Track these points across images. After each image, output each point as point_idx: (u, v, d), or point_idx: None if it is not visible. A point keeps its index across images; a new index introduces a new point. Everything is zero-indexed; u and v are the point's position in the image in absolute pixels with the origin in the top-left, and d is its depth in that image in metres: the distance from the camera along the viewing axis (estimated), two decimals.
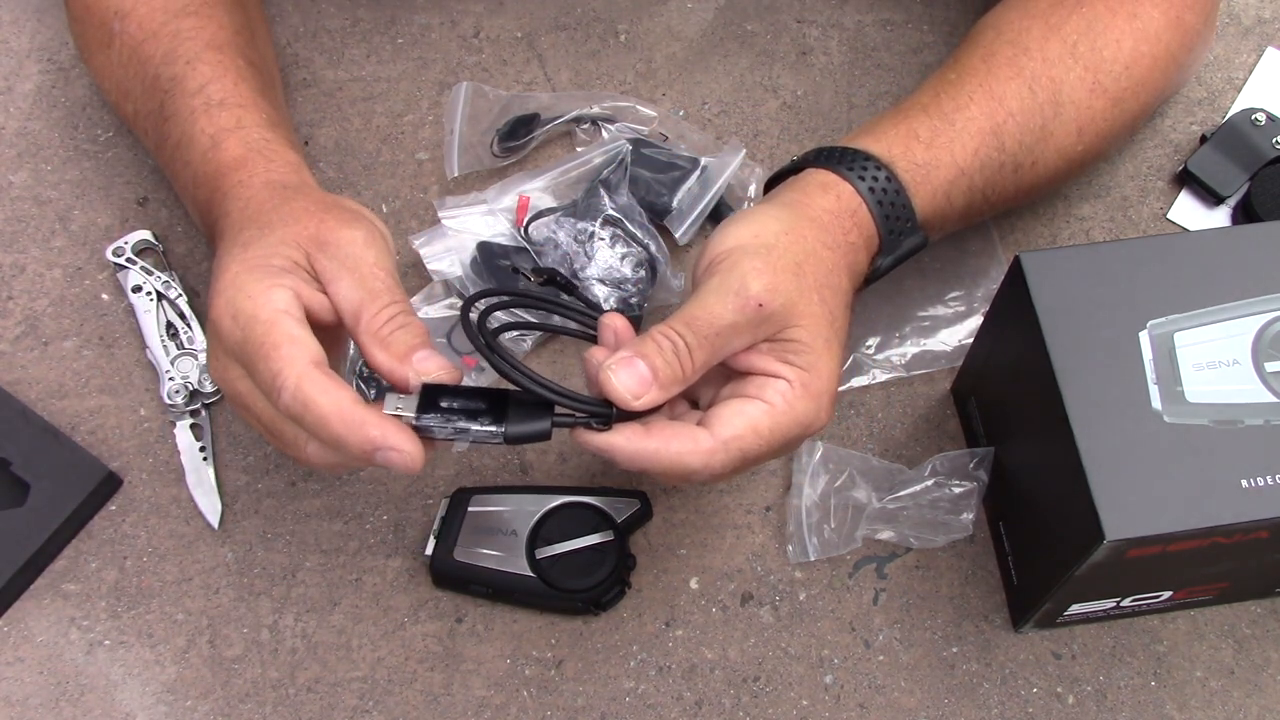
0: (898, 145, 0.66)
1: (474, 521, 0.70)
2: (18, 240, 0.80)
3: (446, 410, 0.56)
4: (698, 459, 0.57)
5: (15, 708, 0.68)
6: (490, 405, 0.57)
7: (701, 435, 0.57)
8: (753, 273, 0.58)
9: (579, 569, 0.68)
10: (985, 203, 0.70)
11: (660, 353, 0.57)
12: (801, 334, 0.59)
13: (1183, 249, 0.62)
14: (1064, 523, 0.60)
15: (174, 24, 0.70)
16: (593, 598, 0.69)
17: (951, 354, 0.76)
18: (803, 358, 0.59)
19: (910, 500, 0.70)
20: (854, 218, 0.64)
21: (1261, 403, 0.58)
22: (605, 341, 0.60)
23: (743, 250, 0.59)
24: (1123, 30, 0.71)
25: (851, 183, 0.64)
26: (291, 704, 0.69)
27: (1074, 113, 0.70)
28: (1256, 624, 0.71)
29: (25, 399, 0.75)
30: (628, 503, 0.70)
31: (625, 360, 0.56)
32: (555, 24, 0.88)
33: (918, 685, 0.69)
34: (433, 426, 0.56)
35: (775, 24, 0.88)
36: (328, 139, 0.84)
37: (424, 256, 0.76)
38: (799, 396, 0.58)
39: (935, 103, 0.68)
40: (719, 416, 0.58)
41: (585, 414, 0.57)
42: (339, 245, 0.59)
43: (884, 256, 0.66)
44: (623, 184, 0.78)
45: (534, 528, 0.69)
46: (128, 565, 0.72)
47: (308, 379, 0.54)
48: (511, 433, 0.56)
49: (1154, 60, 0.72)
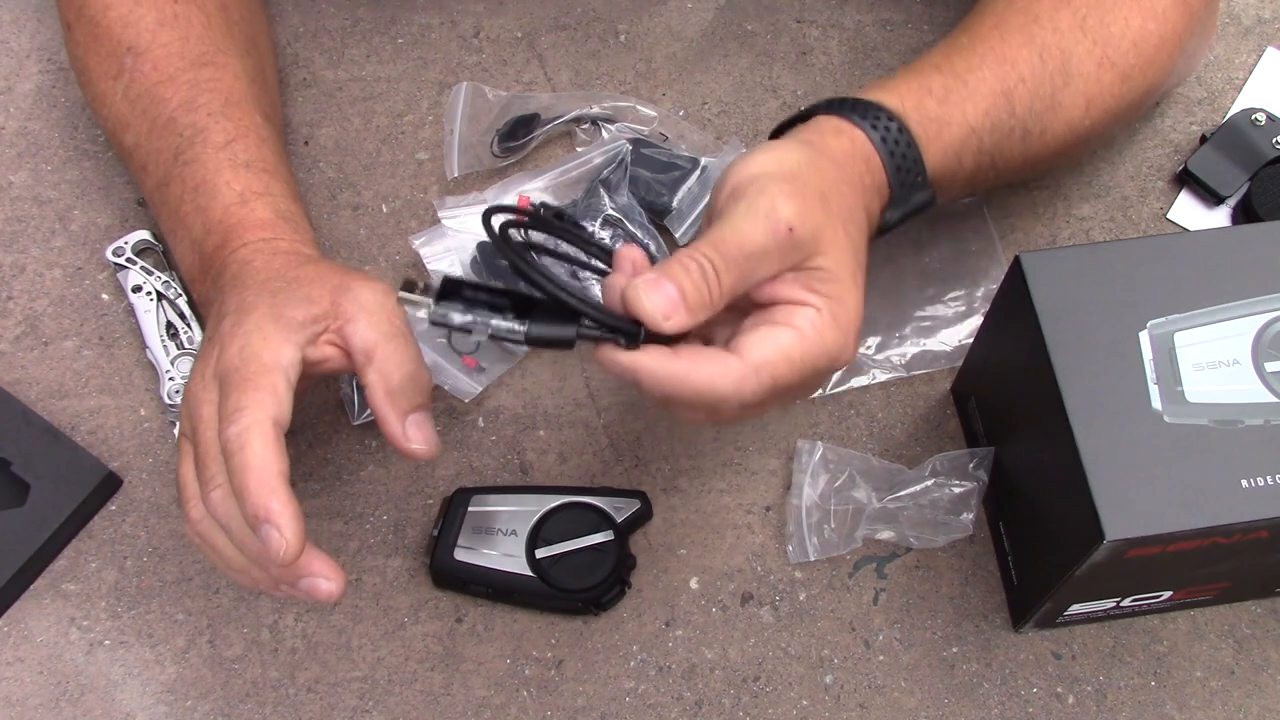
0: (910, 98, 0.66)
1: (474, 521, 0.70)
2: (18, 240, 0.80)
3: (470, 301, 0.53)
4: (728, 383, 0.54)
5: (15, 708, 0.68)
6: (514, 304, 0.54)
7: (731, 360, 0.55)
8: (782, 196, 0.56)
9: (579, 569, 0.69)
10: (992, 167, 0.69)
11: (688, 275, 0.54)
12: (829, 263, 0.57)
13: (1183, 249, 0.62)
14: (1064, 523, 0.60)
15: (192, 73, 0.71)
16: (592, 598, 0.69)
17: (951, 354, 0.76)
18: (830, 286, 0.57)
19: (910, 500, 0.70)
20: (868, 164, 0.63)
21: (1261, 403, 0.58)
22: (623, 269, 0.58)
23: (768, 176, 0.57)
24: (1131, 7, 0.71)
25: (864, 130, 0.63)
26: (291, 704, 0.69)
27: (1083, 85, 0.70)
28: (1256, 624, 0.71)
29: (25, 399, 0.75)
30: (628, 502, 0.70)
31: (653, 281, 0.54)
32: (555, 24, 0.88)
33: (918, 685, 0.69)
34: (451, 313, 0.53)
35: (775, 24, 0.88)
36: (328, 139, 0.84)
37: (424, 257, 0.76)
38: (828, 325, 0.56)
39: (947, 62, 0.68)
40: (747, 343, 0.55)
41: (613, 329, 0.54)
42: (361, 291, 0.61)
43: (894, 209, 0.65)
44: (622, 184, 0.78)
45: (534, 528, 0.69)
46: (128, 565, 0.72)
47: (259, 427, 0.55)
48: (534, 333, 0.53)
49: (1161, 39, 0.72)
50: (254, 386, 0.56)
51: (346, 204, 0.82)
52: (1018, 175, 0.73)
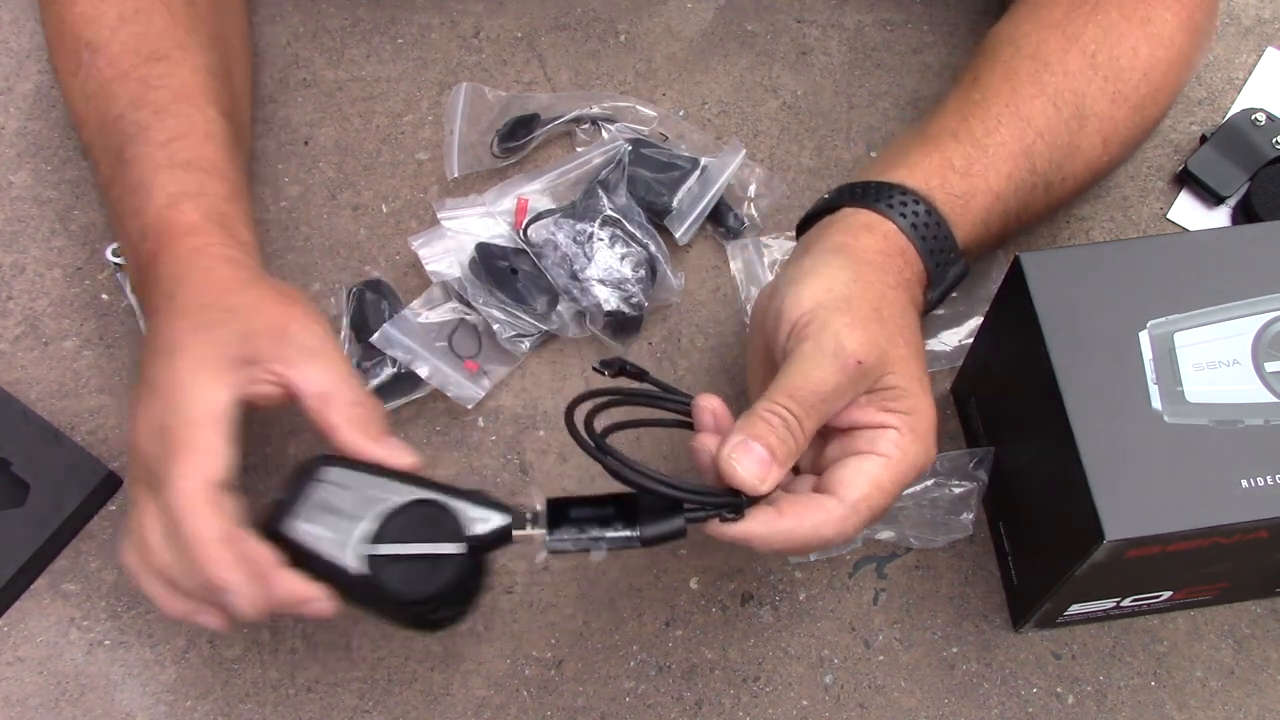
0: (935, 177, 0.65)
1: (322, 495, 0.58)
2: (18, 240, 0.80)
3: (577, 521, 0.56)
4: (832, 528, 0.56)
5: (15, 708, 0.68)
6: (618, 510, 0.56)
7: (831, 504, 0.57)
8: (845, 330, 0.57)
9: (413, 577, 0.57)
10: (1018, 224, 0.70)
11: (773, 431, 0.56)
12: (898, 380, 0.58)
13: (1183, 249, 0.62)
14: (1064, 523, 0.60)
15: (144, 68, 0.69)
16: (416, 613, 0.59)
17: (951, 354, 0.76)
18: (903, 402, 0.58)
19: (910, 500, 0.70)
20: (904, 256, 0.63)
21: (1261, 403, 0.58)
22: (704, 424, 0.59)
23: (824, 308, 0.58)
24: (1138, 37, 0.70)
25: (894, 220, 0.63)
26: (291, 704, 0.69)
27: (1098, 124, 0.70)
28: (1256, 624, 0.71)
29: (25, 399, 0.75)
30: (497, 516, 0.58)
31: (742, 445, 0.55)
32: (555, 24, 0.88)
33: (918, 685, 0.69)
34: (567, 540, 0.56)
35: (775, 24, 0.88)
36: (328, 139, 0.84)
37: (423, 258, 0.76)
38: (910, 442, 0.58)
39: (965, 127, 0.67)
40: (841, 480, 0.57)
41: (716, 507, 0.55)
42: (304, 335, 0.61)
43: (933, 289, 0.65)
44: (621, 184, 0.78)
45: (384, 520, 0.58)
46: None
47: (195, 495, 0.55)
48: (648, 535, 0.56)
49: (1169, 65, 0.72)
50: (189, 450, 0.56)
51: (346, 204, 0.82)
52: (1042, 220, 0.74)
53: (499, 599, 0.71)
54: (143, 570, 0.59)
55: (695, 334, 0.78)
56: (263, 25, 0.88)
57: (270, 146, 0.84)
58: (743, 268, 0.79)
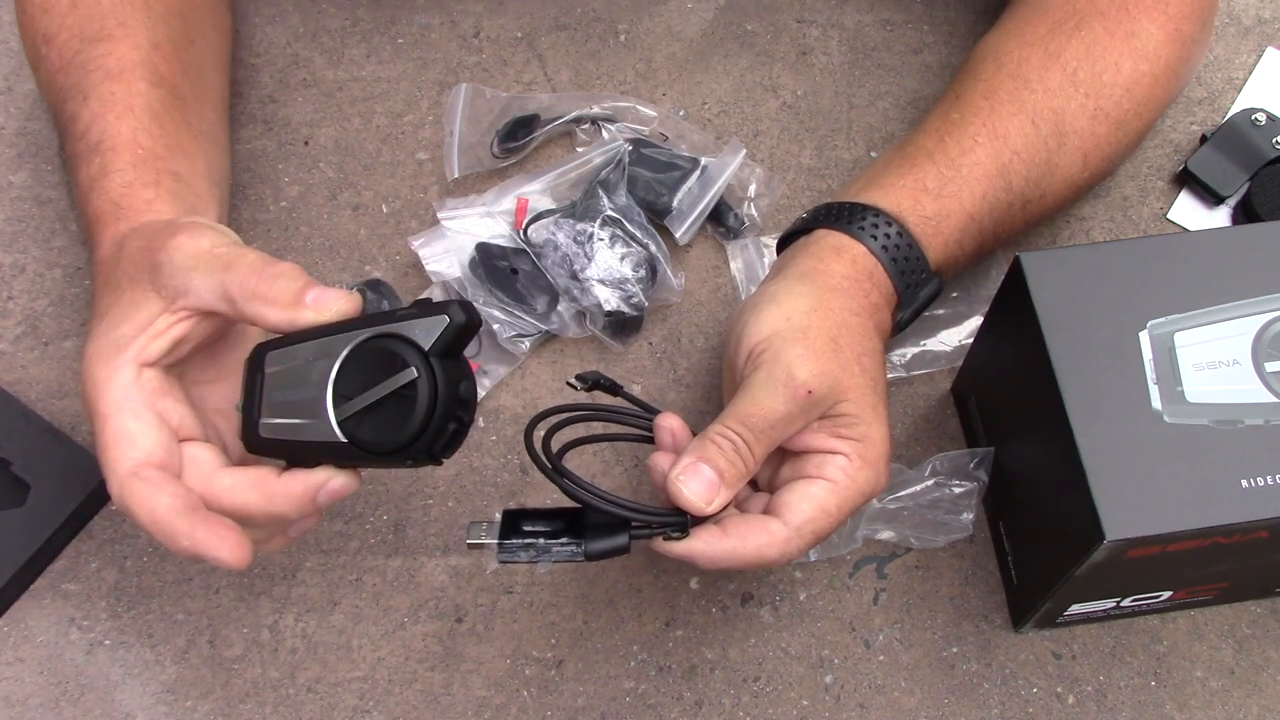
0: (907, 199, 0.66)
1: (276, 384, 0.55)
2: (18, 240, 0.80)
3: (529, 533, 0.58)
4: (774, 549, 0.58)
5: (15, 708, 0.68)
6: (568, 524, 0.58)
7: (774, 525, 0.58)
8: (797, 361, 0.59)
9: (390, 422, 0.53)
10: (995, 241, 0.70)
11: (722, 454, 0.57)
12: (850, 407, 0.60)
13: (1183, 249, 0.62)
14: (1064, 523, 0.60)
15: (86, 52, 0.68)
16: (412, 453, 0.53)
17: (951, 354, 0.76)
18: (855, 429, 0.60)
19: (910, 500, 0.70)
20: (872, 279, 0.64)
21: (1261, 403, 0.58)
22: (663, 443, 0.61)
23: (780, 338, 0.60)
24: (1121, 52, 0.70)
25: (864, 243, 0.64)
26: (291, 704, 0.69)
27: (1078, 141, 0.70)
28: (1256, 624, 0.71)
29: (25, 399, 0.75)
30: (433, 319, 0.53)
31: (691, 468, 0.57)
32: (555, 24, 0.88)
33: (918, 685, 0.69)
34: (517, 550, 0.58)
35: (775, 24, 0.88)
36: (328, 139, 0.84)
37: (423, 258, 0.76)
38: (859, 468, 0.59)
39: (940, 147, 0.68)
40: (786, 503, 0.59)
41: (661, 525, 0.58)
42: (171, 258, 0.57)
43: (903, 309, 0.66)
44: (621, 184, 0.78)
45: (335, 382, 0.54)
46: (128, 565, 0.72)
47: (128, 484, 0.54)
48: (592, 550, 0.58)
49: (1154, 79, 0.72)
50: (105, 446, 0.55)
51: (346, 204, 0.82)
52: (1022, 235, 0.74)
53: (499, 599, 0.71)
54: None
55: (695, 334, 0.78)
56: (263, 25, 0.88)
57: (270, 146, 0.84)
58: (743, 268, 0.79)
